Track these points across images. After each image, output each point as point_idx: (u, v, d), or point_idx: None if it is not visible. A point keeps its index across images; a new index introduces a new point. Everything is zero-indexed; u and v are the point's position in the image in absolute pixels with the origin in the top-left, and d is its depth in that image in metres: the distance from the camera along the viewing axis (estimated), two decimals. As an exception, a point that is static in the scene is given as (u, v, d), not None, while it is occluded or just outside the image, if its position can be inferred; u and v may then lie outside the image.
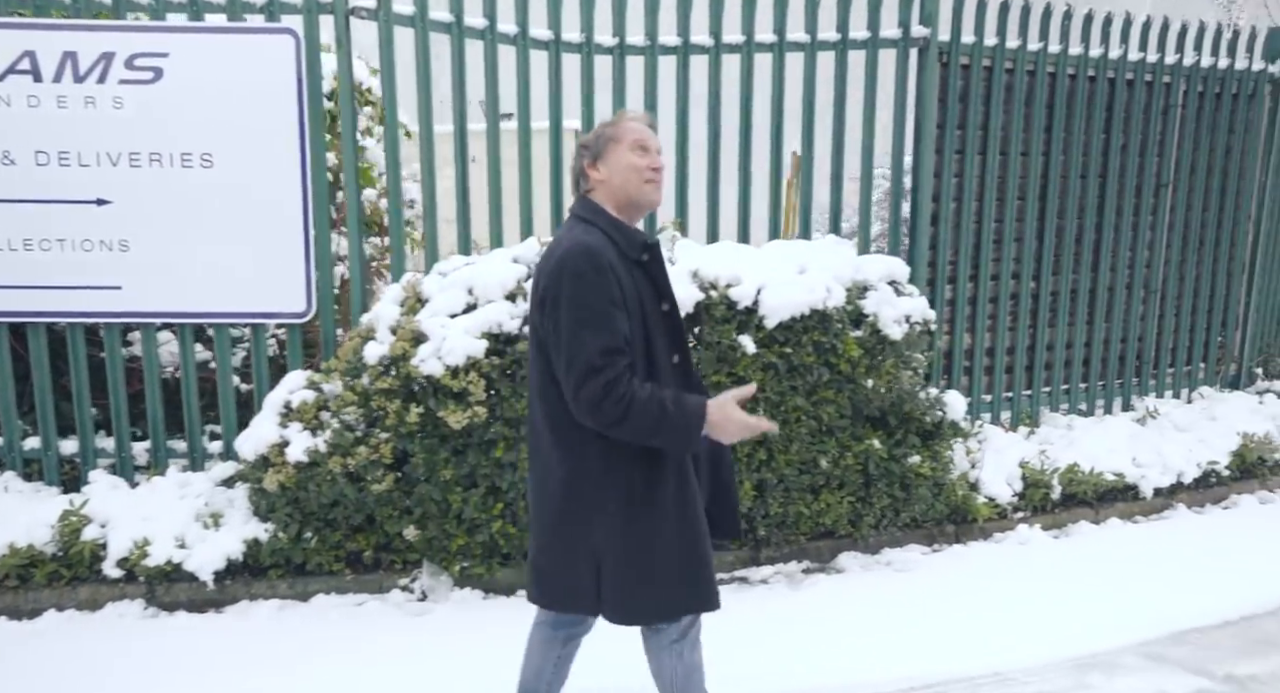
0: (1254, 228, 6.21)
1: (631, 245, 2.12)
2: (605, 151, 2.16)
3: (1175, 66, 5.57)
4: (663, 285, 2.17)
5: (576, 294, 1.99)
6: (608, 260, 2.02)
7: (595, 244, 2.03)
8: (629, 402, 1.95)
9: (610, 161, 2.15)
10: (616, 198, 2.15)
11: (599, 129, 2.21)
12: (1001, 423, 5.39)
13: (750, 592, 3.83)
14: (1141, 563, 4.10)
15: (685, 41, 4.53)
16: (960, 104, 4.93)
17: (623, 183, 2.14)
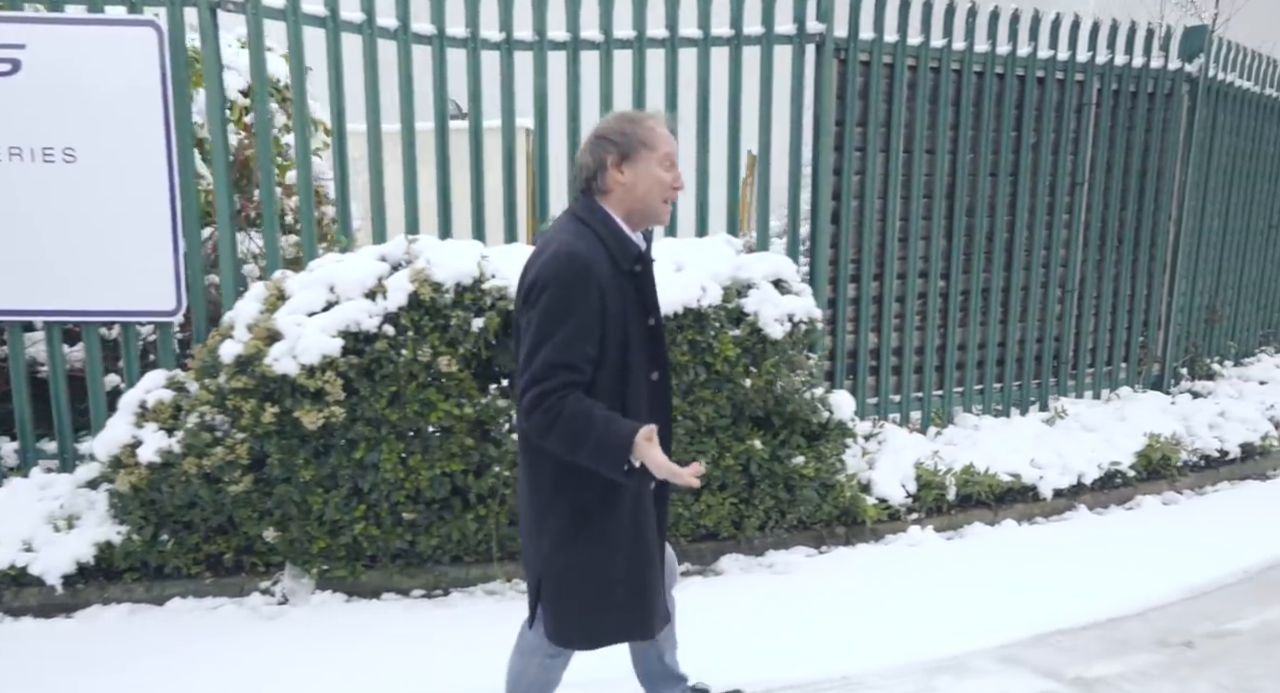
0: (1174, 227, 6.23)
1: (625, 255, 2.06)
2: (635, 156, 2.07)
3: (1088, 64, 5.58)
4: (649, 299, 2.11)
5: (553, 303, 1.96)
6: (594, 272, 1.97)
7: (584, 252, 1.99)
8: (556, 414, 1.93)
9: (639, 168, 2.07)
10: (630, 206, 2.09)
11: (625, 126, 2.08)
12: (912, 423, 5.39)
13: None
14: (1026, 565, 4.10)
15: (575, 37, 4.51)
16: (860, 101, 4.92)
17: (645, 194, 2.08)
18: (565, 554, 2.08)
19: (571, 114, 4.56)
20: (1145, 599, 3.75)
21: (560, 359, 1.94)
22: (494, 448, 3.70)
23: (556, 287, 1.95)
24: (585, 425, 1.93)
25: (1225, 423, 5.57)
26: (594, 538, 2.07)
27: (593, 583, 2.09)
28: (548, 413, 1.93)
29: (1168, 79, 5.94)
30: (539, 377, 1.94)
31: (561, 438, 1.94)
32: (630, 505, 2.09)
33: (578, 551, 2.08)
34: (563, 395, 1.93)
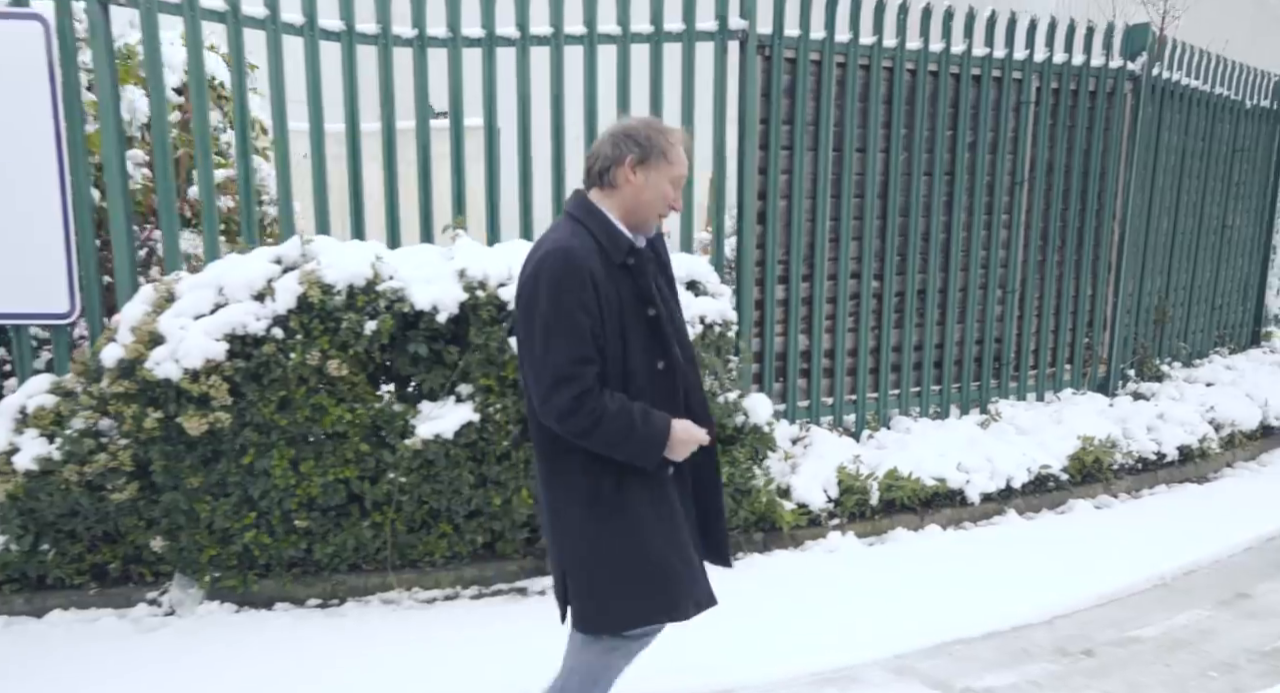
0: (1119, 227, 6.20)
1: (616, 249, 2.10)
2: (652, 163, 2.13)
3: (1026, 62, 5.54)
4: (645, 290, 2.14)
5: (551, 299, 2.00)
6: (587, 265, 2.02)
7: (577, 247, 2.05)
8: (599, 415, 1.99)
9: (652, 177, 2.13)
10: (630, 208, 2.15)
11: (654, 134, 2.14)
12: (846, 426, 5.35)
13: (521, 604, 3.74)
14: (942, 571, 4.06)
15: (490, 33, 4.45)
16: (787, 99, 4.87)
17: (648, 202, 2.14)
18: (586, 542, 2.13)
19: (487, 111, 4.50)
20: (1055, 606, 3.71)
21: (580, 354, 2.00)
22: (389, 453, 3.64)
23: (553, 285, 2.01)
24: (627, 424, 2.01)
25: (1163, 425, 5.53)
26: (613, 524, 2.11)
27: (613, 568, 2.12)
28: (589, 415, 1.99)
29: (1109, 77, 5.90)
30: (568, 375, 1.99)
31: (602, 437, 2.01)
32: (646, 488, 2.13)
33: (598, 537, 2.12)
34: (599, 393, 2.01)
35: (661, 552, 2.14)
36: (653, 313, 2.13)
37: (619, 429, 2.01)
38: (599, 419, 2.00)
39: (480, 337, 3.69)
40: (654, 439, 2.05)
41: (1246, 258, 8.07)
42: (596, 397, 2.00)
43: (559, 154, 4.60)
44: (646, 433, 2.04)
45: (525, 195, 4.60)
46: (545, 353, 2.02)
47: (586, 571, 2.14)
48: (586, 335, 2.02)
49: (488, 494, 3.81)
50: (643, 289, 2.14)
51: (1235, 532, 4.59)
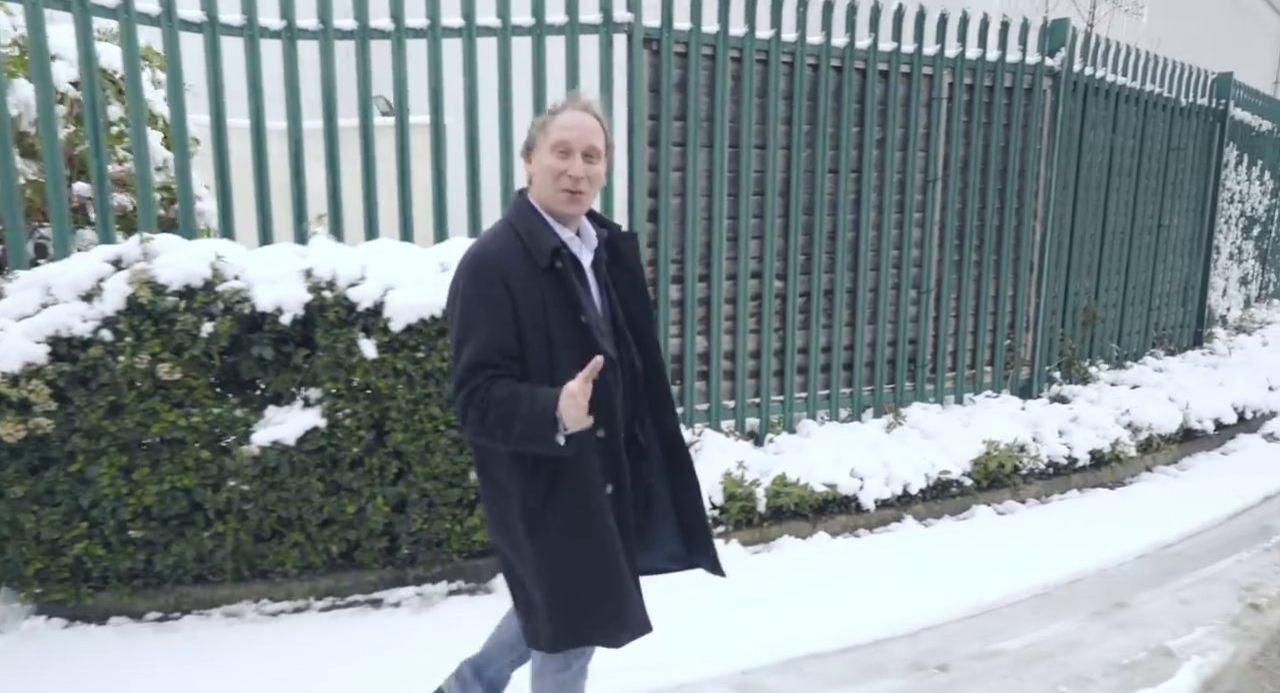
0: (1040, 226, 6.11)
1: (540, 251, 2.01)
2: (536, 144, 2.06)
3: (936, 57, 5.45)
4: (572, 295, 2.03)
5: (461, 304, 1.99)
6: (498, 269, 1.97)
7: (492, 251, 2.01)
8: (484, 405, 1.94)
9: (537, 158, 2.06)
10: (541, 198, 2.07)
11: (540, 120, 2.09)
12: (751, 429, 5.25)
13: (371, 616, 3.63)
14: (819, 581, 3.96)
15: (363, 26, 4.33)
16: (678, 94, 4.77)
17: (541, 184, 2.05)
18: (523, 559, 2.08)
19: (364, 108, 4.38)
20: (923, 618, 3.62)
21: (480, 359, 1.96)
22: (230, 460, 3.52)
23: (464, 289, 1.99)
24: (511, 407, 1.93)
25: (1076, 429, 5.45)
26: (536, 541, 2.05)
27: (549, 586, 2.06)
28: (478, 407, 1.94)
29: (1027, 73, 5.82)
30: (463, 379, 1.97)
31: (494, 427, 1.94)
32: (579, 508, 2.04)
33: (534, 555, 2.06)
34: (488, 386, 1.95)
35: (581, 575, 2.06)
36: (584, 320, 2.03)
37: (506, 413, 1.93)
38: (486, 408, 1.94)
39: (327, 339, 3.58)
40: (541, 412, 1.92)
41: (1187, 258, 8.01)
42: (485, 391, 1.95)
43: (438, 146, 4.49)
44: (531, 409, 1.92)
45: (403, 190, 4.48)
46: (455, 359, 2.01)
47: (527, 588, 2.11)
48: (492, 342, 1.96)
49: (340, 502, 3.70)
50: (570, 295, 2.03)
51: (1133, 538, 4.51)
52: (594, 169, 2.05)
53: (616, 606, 2.08)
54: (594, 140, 2.04)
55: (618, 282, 2.19)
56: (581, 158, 2.02)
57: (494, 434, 1.96)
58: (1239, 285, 9.64)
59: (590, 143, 2.03)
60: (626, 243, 2.22)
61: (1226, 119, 7.94)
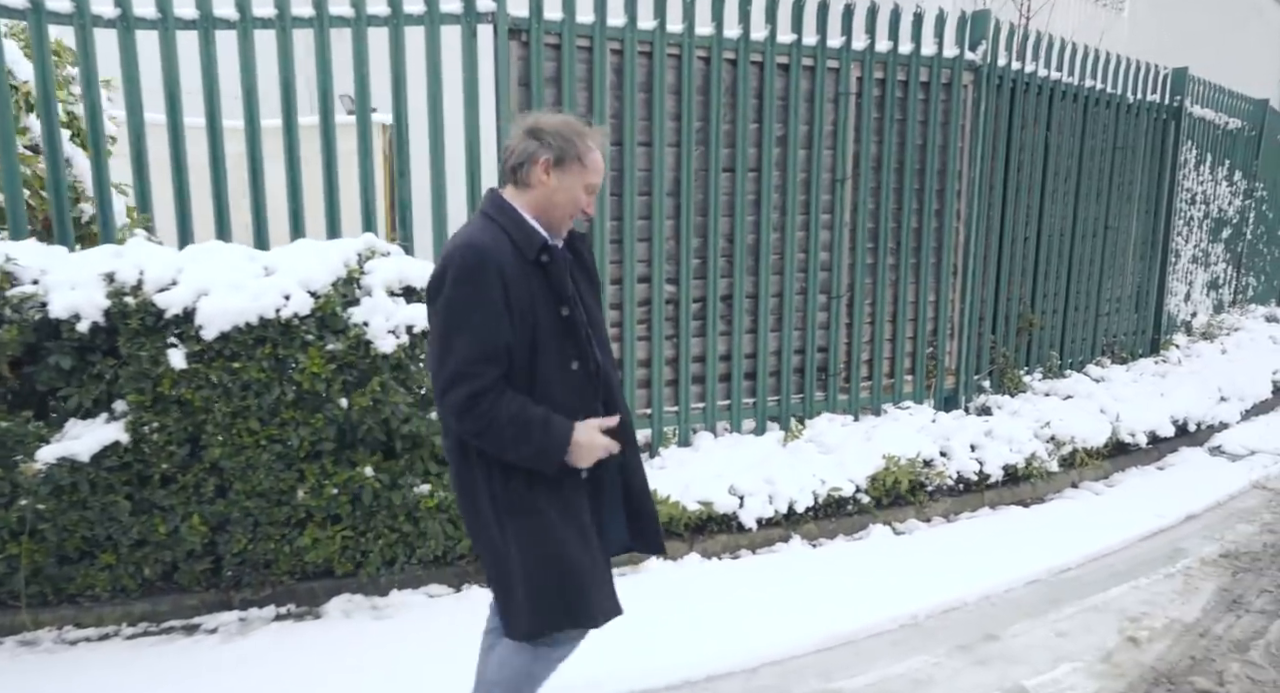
0: (964, 228, 5.89)
1: (530, 245, 2.11)
2: (567, 166, 2.14)
3: (842, 50, 5.23)
4: (561, 289, 2.14)
5: (455, 296, 2.01)
6: (495, 262, 2.03)
7: (485, 243, 2.05)
8: (491, 418, 2.00)
9: (565, 179, 2.15)
10: (542, 209, 2.16)
11: (571, 134, 2.15)
12: (643, 441, 5.04)
13: (176, 644, 3.43)
14: (675, 608, 3.74)
15: (207, 14, 4.15)
16: (552, 88, 4.57)
17: (561, 204, 2.16)
18: (499, 548, 2.14)
19: (209, 101, 4.19)
20: (770, 651, 3.40)
21: (480, 353, 2.00)
22: (22, 477, 3.33)
23: (458, 282, 2.01)
24: (522, 431, 2.01)
25: (990, 443, 5.22)
26: (522, 528, 2.11)
27: (524, 573, 2.12)
28: (482, 417, 2.00)
29: (945, 67, 5.60)
30: (466, 373, 1.99)
31: (496, 440, 2.02)
32: (557, 494, 2.14)
33: (508, 542, 2.12)
34: (496, 398, 2.01)
35: (571, 558, 2.14)
36: (566, 313, 2.13)
37: (514, 434, 2.01)
38: (491, 422, 2.00)
39: (131, 347, 3.39)
40: (551, 447, 2.05)
41: (1143, 262, 7.76)
42: (493, 399, 2.00)
43: (292, 146, 4.30)
44: (543, 441, 2.03)
45: (256, 188, 4.29)
46: (445, 351, 2.02)
47: (500, 576, 2.16)
48: (491, 334, 2.01)
49: (152, 522, 3.51)
50: (557, 288, 2.13)
51: (1030, 561, 4.28)
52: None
53: (593, 590, 2.17)
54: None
55: (577, 277, 2.28)
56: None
57: (495, 445, 2.04)
58: (1206, 290, 9.38)
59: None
60: (583, 243, 2.34)
61: (1182, 116, 7.69)
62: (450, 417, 2.03)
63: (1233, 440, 6.63)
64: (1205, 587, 4.08)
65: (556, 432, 2.06)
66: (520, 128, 2.19)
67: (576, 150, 2.15)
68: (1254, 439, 6.67)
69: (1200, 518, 5.05)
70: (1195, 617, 3.77)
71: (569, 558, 2.14)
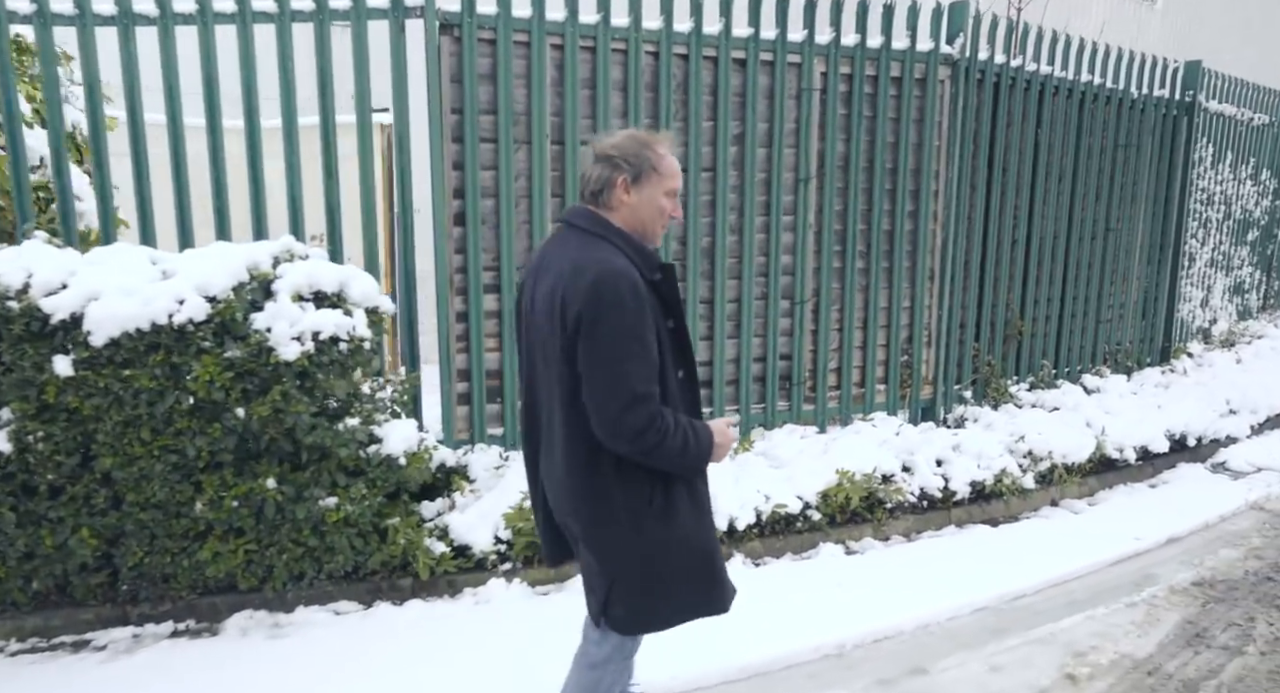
0: (941, 230, 5.64)
1: (649, 265, 2.19)
2: (645, 179, 2.20)
3: (804, 44, 5.02)
4: (671, 303, 2.23)
5: (620, 322, 2.06)
6: (636, 282, 2.10)
7: (623, 267, 2.10)
8: (665, 431, 2.09)
9: (645, 192, 2.21)
10: (633, 227, 2.22)
11: (641, 149, 2.21)
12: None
13: (59, 662, 3.36)
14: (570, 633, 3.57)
15: (126, 10, 4.07)
16: (488, 85, 4.42)
17: (647, 218, 2.22)
18: (637, 546, 2.21)
19: (129, 94, 4.12)
20: (676, 683, 3.22)
21: (650, 372, 2.09)
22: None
23: (619, 308, 2.06)
24: (684, 440, 2.13)
25: (958, 458, 4.97)
26: (662, 525, 2.21)
27: (671, 568, 2.23)
28: (659, 432, 2.09)
29: (918, 61, 5.36)
30: (643, 394, 2.07)
31: (665, 453, 2.11)
32: (688, 491, 2.26)
33: (649, 540, 2.21)
34: (664, 414, 2.11)
35: (710, 549, 2.31)
36: (672, 325, 2.23)
37: (679, 445, 2.12)
38: (665, 435, 2.09)
39: (14, 355, 3.31)
40: (704, 450, 2.19)
41: (1151, 265, 7.41)
42: (663, 416, 2.10)
43: (216, 147, 4.21)
44: (698, 447, 2.17)
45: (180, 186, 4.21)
46: (618, 376, 2.06)
47: (641, 574, 2.23)
48: (651, 355, 2.10)
49: (39, 534, 3.43)
50: (670, 302, 2.22)
51: (984, 586, 4.04)
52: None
53: (725, 578, 2.36)
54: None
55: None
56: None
57: (663, 459, 2.13)
58: (1229, 295, 8.97)
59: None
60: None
61: (1195, 112, 7.33)
62: (628, 437, 2.08)
63: (1239, 456, 6.29)
64: (1167, 618, 3.81)
65: (704, 435, 2.20)
66: (592, 154, 2.25)
67: (650, 162, 2.21)
68: (1263, 455, 6.31)
69: (1183, 541, 4.76)
70: (1148, 652, 3.51)
71: (710, 552, 2.31)
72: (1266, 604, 3.94)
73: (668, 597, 2.26)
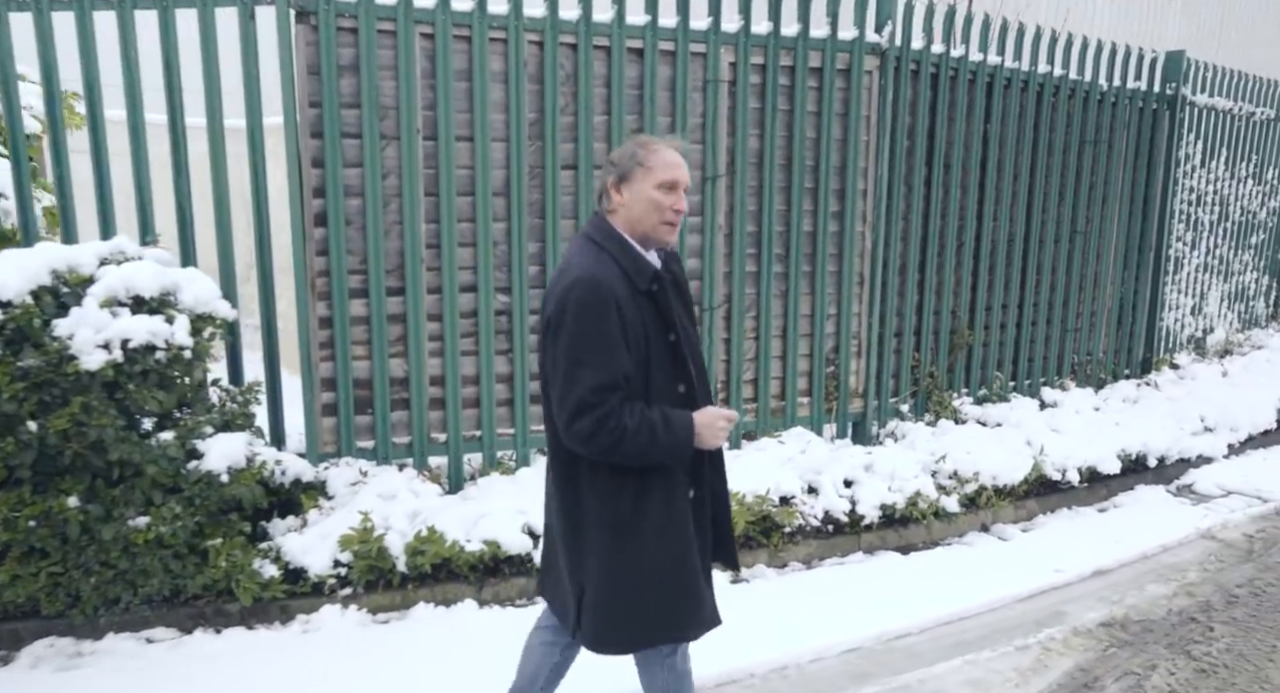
0: (870, 232, 5.29)
1: (641, 275, 2.18)
2: (632, 177, 2.21)
3: (709, 34, 4.71)
4: (668, 315, 2.22)
5: (578, 328, 2.09)
6: (613, 293, 2.11)
7: (602, 275, 2.12)
8: (620, 434, 2.08)
9: (634, 189, 2.21)
10: (632, 227, 2.22)
11: (631, 149, 2.25)
12: (473, 467, 4.62)
13: None
14: (398, 672, 3.32)
15: (-29, -2, 3.90)
16: (351, 76, 4.18)
17: (641, 215, 2.20)
18: (606, 563, 2.22)
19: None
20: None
21: (605, 380, 2.08)
22: None
23: (579, 311, 2.09)
24: (649, 437, 2.10)
25: (868, 478, 4.63)
26: (632, 544, 2.20)
27: (630, 583, 2.22)
28: (611, 433, 2.07)
29: (842, 51, 5.02)
30: (591, 402, 2.07)
31: (626, 452, 2.10)
32: (664, 510, 2.22)
33: (617, 558, 2.21)
34: (619, 414, 2.08)
35: (682, 568, 2.24)
36: (673, 338, 2.23)
37: (643, 442, 2.09)
38: (620, 437, 2.08)
39: None
40: (679, 439, 2.14)
41: (1130, 271, 6.97)
42: (617, 416, 2.08)
43: (58, 142, 4.03)
44: (670, 439, 2.12)
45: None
46: (570, 381, 2.09)
47: (606, 589, 2.23)
48: (613, 364, 2.10)
49: None
50: (664, 315, 2.21)
51: (865, 625, 3.73)
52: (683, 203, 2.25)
53: (694, 603, 2.27)
54: (688, 178, 2.25)
55: (672, 299, 2.30)
56: (681, 193, 2.23)
57: (629, 456, 2.11)
58: (1229, 303, 8.45)
59: (686, 180, 2.24)
60: (676, 263, 2.39)
61: (1178, 106, 6.88)
62: (578, 444, 2.11)
63: (1209, 479, 5.86)
64: (1057, 665, 3.45)
65: (678, 424, 2.14)
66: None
67: (638, 158, 2.21)
68: (1236, 478, 5.88)
69: (1111, 574, 4.38)
70: (1020, 707, 3.17)
71: (674, 575, 2.24)
72: (1176, 650, 3.56)
73: (631, 615, 2.24)
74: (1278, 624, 3.80)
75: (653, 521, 2.21)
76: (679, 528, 2.24)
